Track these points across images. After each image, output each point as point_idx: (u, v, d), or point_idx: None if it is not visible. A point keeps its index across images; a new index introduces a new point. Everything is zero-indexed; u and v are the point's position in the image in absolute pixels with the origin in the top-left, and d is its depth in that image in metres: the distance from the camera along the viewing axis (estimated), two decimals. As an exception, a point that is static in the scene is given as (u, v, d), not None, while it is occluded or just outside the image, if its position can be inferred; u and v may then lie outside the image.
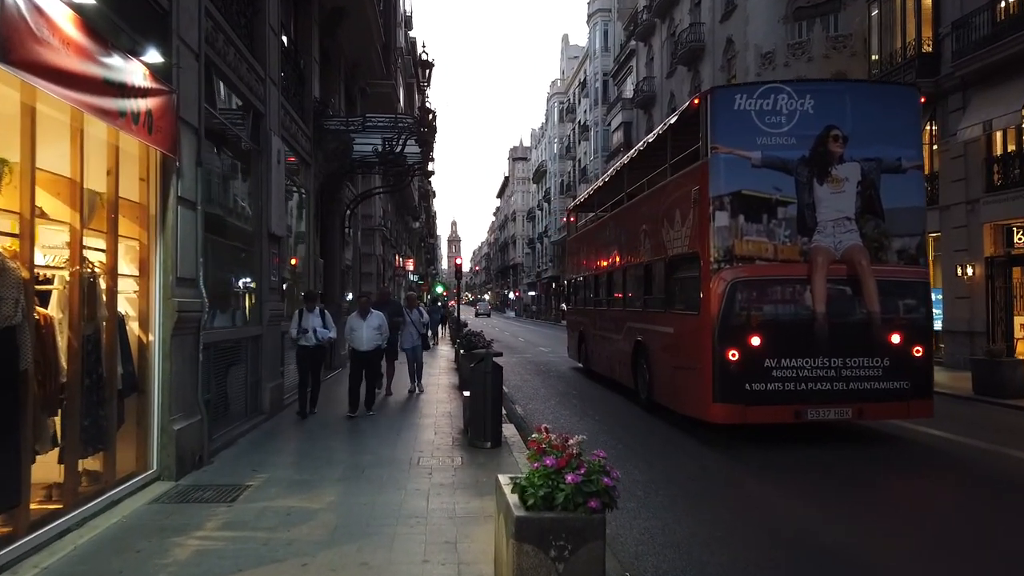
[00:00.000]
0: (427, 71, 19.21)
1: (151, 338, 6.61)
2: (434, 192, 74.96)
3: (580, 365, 17.69)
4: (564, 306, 56.73)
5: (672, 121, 9.79)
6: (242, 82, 9.22)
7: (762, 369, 8.26)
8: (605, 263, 14.22)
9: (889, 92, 9.39)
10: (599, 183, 15.17)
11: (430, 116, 15.32)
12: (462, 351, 14.14)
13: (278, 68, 11.18)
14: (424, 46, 18.70)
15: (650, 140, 11.03)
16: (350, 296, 20.01)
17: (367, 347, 10.38)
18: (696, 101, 8.79)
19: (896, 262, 8.54)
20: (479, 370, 8.31)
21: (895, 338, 8.41)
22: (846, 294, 8.49)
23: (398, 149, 14.55)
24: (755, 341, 8.27)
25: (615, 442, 8.97)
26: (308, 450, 8.15)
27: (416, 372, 13.06)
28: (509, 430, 9.15)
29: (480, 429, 8.24)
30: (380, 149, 14.69)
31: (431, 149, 16.72)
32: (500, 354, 8.55)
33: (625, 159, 12.63)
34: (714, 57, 32.22)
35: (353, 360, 10.55)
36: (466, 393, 9.03)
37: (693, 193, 8.85)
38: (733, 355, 8.24)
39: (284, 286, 13.45)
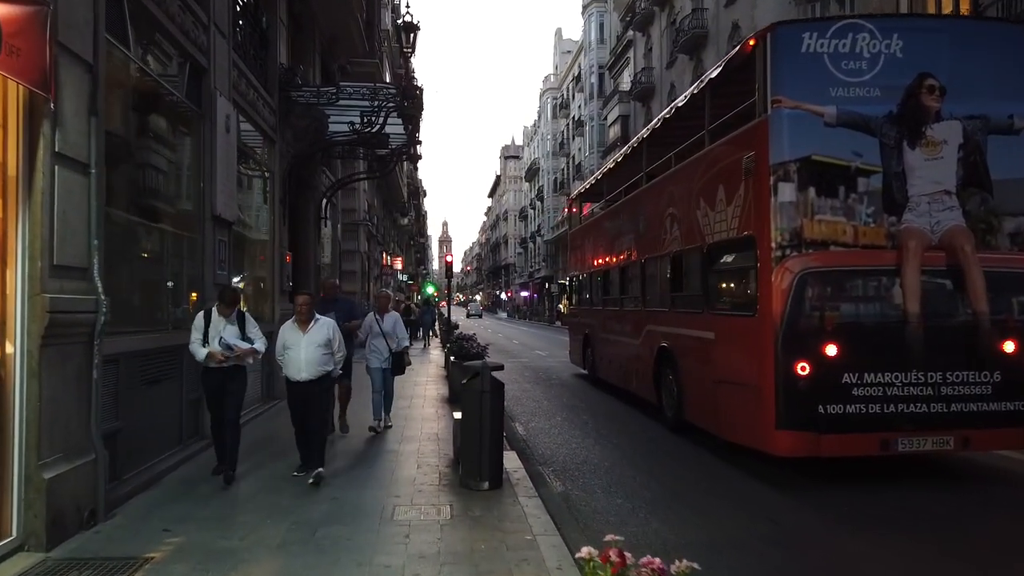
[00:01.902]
0: (412, 35, 17.27)
1: (8, 350, 4.67)
2: (424, 191, 73.10)
3: (584, 372, 15.81)
4: (560, 307, 54.88)
5: (714, 75, 7.89)
6: (172, 22, 7.27)
7: (840, 386, 6.39)
8: (617, 257, 12.33)
9: (997, 32, 7.50)
10: (609, 164, 13.28)
11: (417, 91, 13.40)
12: (452, 358, 12.28)
13: (230, 19, 9.24)
14: (408, 6, 16.72)
15: (680, 104, 9.14)
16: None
17: (307, 374, 6.61)
18: (751, 42, 6.90)
19: (1008, 248, 6.69)
20: (473, 388, 6.39)
21: (1008, 346, 6.55)
22: (946, 289, 6.64)
23: (377, 125, 12.60)
24: (831, 350, 6.39)
25: (646, 479, 7.07)
26: (249, 493, 6.21)
27: (384, 404, 9.09)
28: (510, 460, 7.26)
29: (475, 465, 6.34)
30: (357, 126, 12.72)
31: (417, 129, 14.78)
32: (500, 367, 6.65)
33: (644, 132, 10.74)
34: (718, 44, 30.53)
35: (289, 395, 6.89)
36: (457, 415, 7.14)
37: (745, 162, 6.97)
38: (803, 368, 6.36)
39: (262, 284, 11.55)
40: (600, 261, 13.76)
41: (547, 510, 5.68)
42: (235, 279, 10.82)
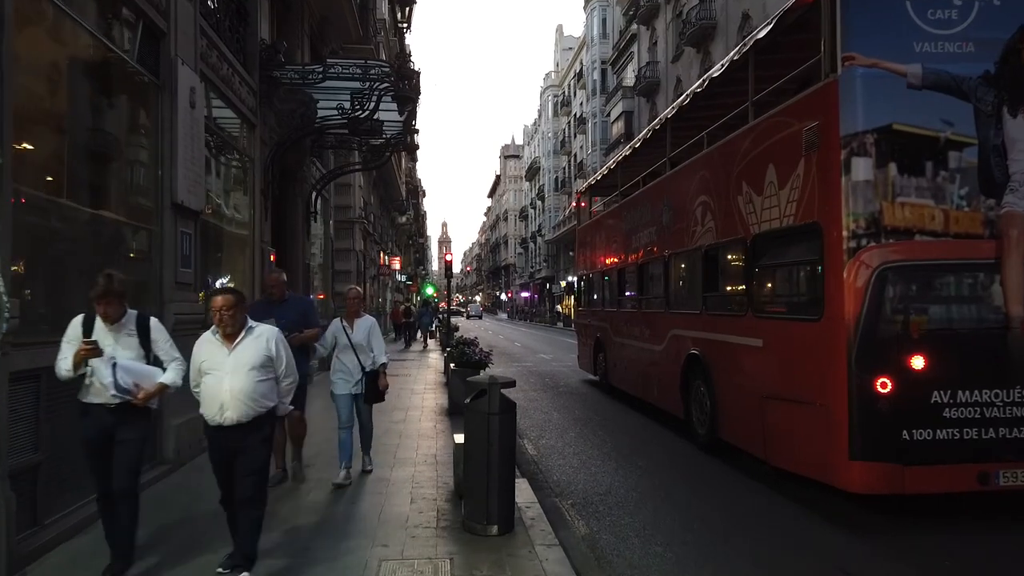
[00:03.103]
0: (408, 9, 16.11)
1: None
2: (424, 191, 71.85)
3: (595, 378, 14.62)
4: (559, 308, 53.58)
5: (760, 35, 6.70)
6: (118, -30, 6.11)
7: (929, 407, 5.22)
8: (635, 253, 11.13)
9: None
10: (625, 151, 12.09)
11: (413, 72, 12.22)
12: (453, 365, 11.11)
13: (196, -20, 8.06)
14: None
15: (714, 75, 7.96)
16: (319, 298, 16.81)
17: (235, 413, 4.16)
18: (816, -13, 5.73)
19: None
20: (479, 410, 5.20)
21: None
22: (1056, 288, 5.47)
23: (368, 108, 11.42)
24: (917, 363, 5.22)
25: (686, 516, 5.87)
26: (203, 536, 5.01)
27: (363, 441, 6.85)
28: (521, 489, 6.05)
29: (481, 504, 5.15)
30: (347, 108, 11.54)
31: (414, 116, 13.60)
32: (512, 383, 5.46)
33: (669, 112, 9.54)
34: (727, 35, 29.43)
35: (210, 447, 4.41)
36: (458, 438, 5.97)
37: (806, 135, 5.79)
38: (883, 385, 5.19)
39: (244, 286, 10.37)
40: (614, 258, 12.57)
41: (572, 566, 4.51)
42: (222, 281, 9.69)
